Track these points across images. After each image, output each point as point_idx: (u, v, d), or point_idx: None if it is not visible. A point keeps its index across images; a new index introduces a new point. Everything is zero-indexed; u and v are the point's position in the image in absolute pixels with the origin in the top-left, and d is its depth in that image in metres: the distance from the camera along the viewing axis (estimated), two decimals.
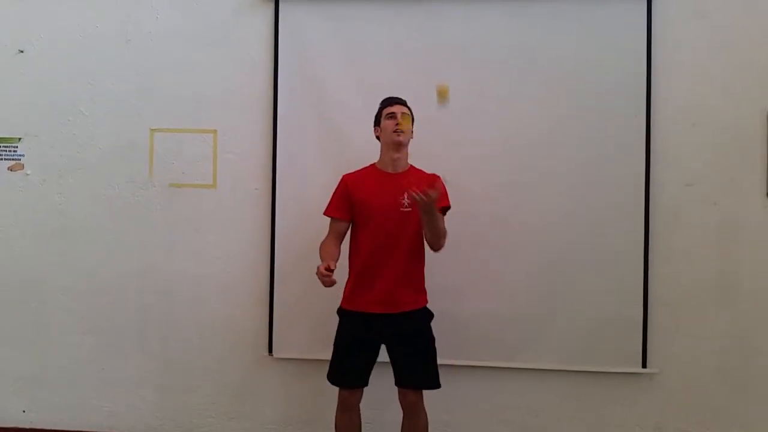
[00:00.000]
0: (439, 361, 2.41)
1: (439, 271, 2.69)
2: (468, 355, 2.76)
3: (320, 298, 2.55)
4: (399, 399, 2.40)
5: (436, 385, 2.37)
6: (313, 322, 2.81)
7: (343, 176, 2.47)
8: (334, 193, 2.45)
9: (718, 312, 2.71)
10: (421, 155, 2.58)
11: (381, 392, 2.52)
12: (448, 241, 2.37)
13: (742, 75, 2.68)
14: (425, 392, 2.40)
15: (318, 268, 2.15)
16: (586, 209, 2.72)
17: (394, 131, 2.34)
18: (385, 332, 2.35)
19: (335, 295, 2.42)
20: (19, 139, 3.04)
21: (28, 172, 3.03)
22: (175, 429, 2.98)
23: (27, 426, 3.04)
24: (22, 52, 3.03)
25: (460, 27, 2.78)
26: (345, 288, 2.41)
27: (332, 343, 2.45)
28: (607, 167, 2.71)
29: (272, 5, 2.86)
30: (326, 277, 2.12)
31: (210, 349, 2.94)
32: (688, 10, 2.72)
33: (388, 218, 2.32)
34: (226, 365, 2.94)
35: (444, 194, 2.34)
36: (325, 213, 2.45)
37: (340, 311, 2.43)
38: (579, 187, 2.72)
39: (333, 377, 2.41)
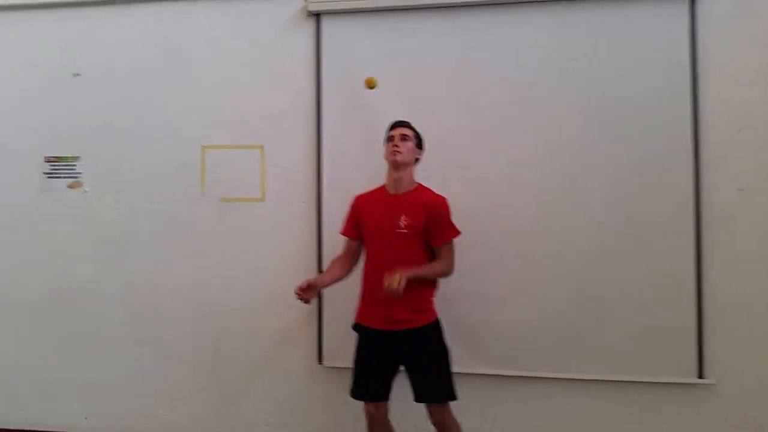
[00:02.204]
0: (484, 371, 2.41)
1: (484, 280, 2.72)
2: (515, 365, 2.75)
3: None
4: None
5: (446, 397, 2.36)
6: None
7: (355, 197, 2.58)
8: (347, 214, 2.59)
9: (759, 313, 2.62)
10: (459, 164, 2.59)
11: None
12: (492, 247, 2.48)
13: None
14: (465, 404, 2.39)
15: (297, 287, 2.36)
16: (634, 215, 2.67)
17: (391, 151, 2.43)
18: (393, 348, 2.38)
19: None
20: (78, 157, 3.18)
21: (86, 189, 3.17)
22: None
23: None
24: (78, 75, 3.18)
25: (499, 35, 2.79)
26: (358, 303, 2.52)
27: None
28: (655, 173, 2.66)
29: (314, 21, 2.92)
30: (298, 295, 2.35)
31: (262, 359, 3.01)
32: (733, 10, 2.65)
33: (384, 239, 2.40)
34: (278, 374, 3.01)
35: (446, 226, 2.41)
36: (340, 232, 2.60)
37: (354, 326, 2.50)
38: (627, 193, 2.68)
39: (352, 390, 2.47)
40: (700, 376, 2.63)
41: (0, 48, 3.24)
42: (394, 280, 2.15)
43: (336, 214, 2.86)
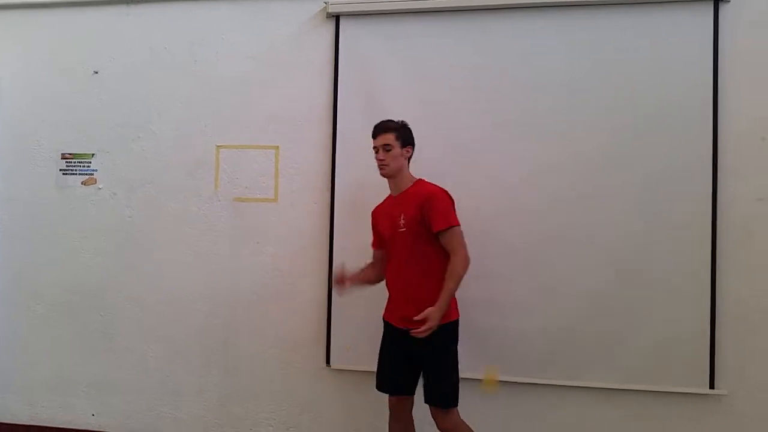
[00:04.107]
0: (499, 378, 2.39)
1: (498, 287, 2.71)
2: (529, 372, 2.73)
3: (377, 309, 2.58)
4: None
5: (442, 403, 2.33)
6: (369, 333, 2.81)
7: (373, 211, 2.62)
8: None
9: None
10: (479, 170, 2.59)
11: None
12: (506, 253, 2.55)
13: None
14: (476, 409, 2.41)
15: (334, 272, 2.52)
16: (650, 224, 2.66)
17: (379, 166, 2.45)
18: (409, 346, 2.35)
19: None
20: (92, 155, 3.20)
21: (100, 187, 3.19)
22: None
23: (96, 429, 3.18)
24: (96, 73, 3.21)
25: (516, 40, 2.79)
26: None
27: None
28: (672, 181, 2.64)
29: (333, 24, 2.94)
30: (337, 281, 2.50)
31: (270, 360, 3.01)
32: (758, 17, 2.64)
33: (389, 240, 2.45)
34: (286, 376, 3.00)
35: (439, 213, 2.30)
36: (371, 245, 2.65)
37: (383, 319, 2.56)
38: (642, 202, 2.66)
39: (377, 383, 2.54)
40: (712, 387, 2.61)
41: (20, 45, 3.28)
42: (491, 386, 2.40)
43: (348, 216, 2.89)
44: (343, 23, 2.92)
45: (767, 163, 2.62)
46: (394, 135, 2.42)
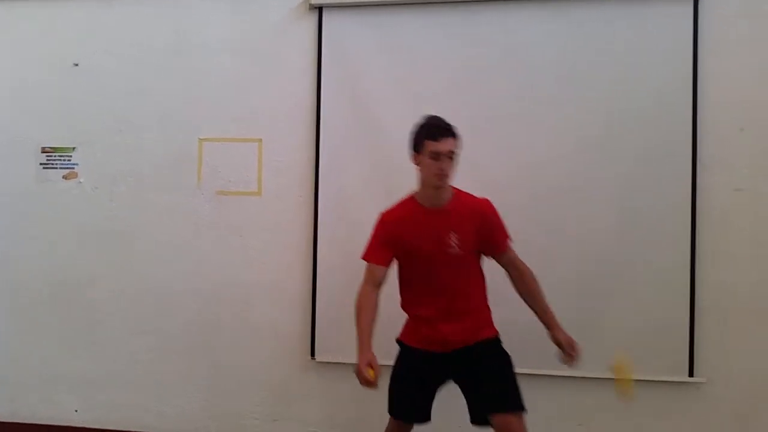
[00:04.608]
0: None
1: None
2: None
3: None
4: None
5: (522, 406, 2.11)
6: (354, 326, 2.84)
7: (382, 216, 2.20)
8: (373, 235, 2.18)
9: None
10: (467, 163, 2.59)
11: None
12: None
13: None
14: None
15: (358, 366, 1.99)
16: (630, 215, 2.69)
17: (436, 175, 2.04)
18: (445, 369, 2.17)
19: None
20: (73, 148, 3.17)
21: (81, 180, 3.16)
22: (221, 430, 3.05)
23: (79, 425, 3.15)
24: (76, 65, 3.17)
25: (500, 33, 2.79)
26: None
27: (374, 346, 2.44)
28: (652, 172, 2.68)
29: (316, 15, 2.93)
30: (368, 384, 1.98)
31: (254, 353, 3.01)
32: (736, 9, 2.67)
33: (434, 263, 2.10)
34: (270, 368, 3.00)
35: (502, 228, 2.18)
36: (364, 257, 2.18)
37: (398, 341, 2.30)
38: (622, 193, 2.69)
39: (394, 409, 2.26)
40: (691, 375, 2.65)
41: None
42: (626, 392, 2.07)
43: (332, 209, 2.89)
44: (326, 15, 2.91)
45: (746, 154, 2.66)
46: (457, 140, 2.09)
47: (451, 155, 2.04)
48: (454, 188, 2.16)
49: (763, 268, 2.64)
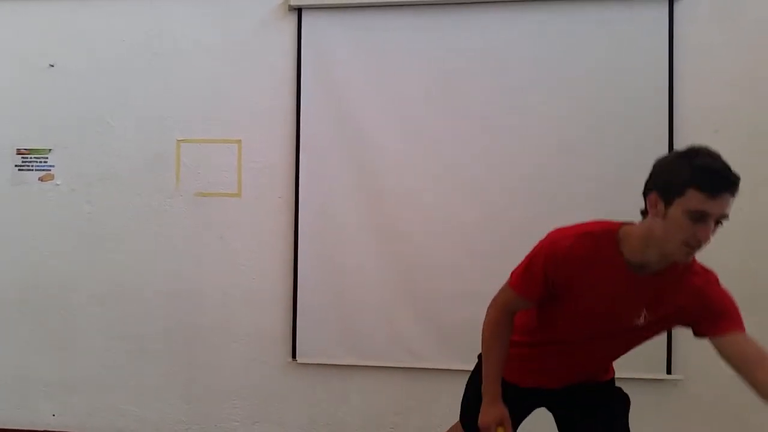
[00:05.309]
0: (460, 368, 2.21)
1: (465, 280, 2.72)
2: None
3: (342, 304, 2.58)
4: None
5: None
6: (335, 327, 2.84)
7: (558, 246, 1.58)
8: (534, 263, 1.62)
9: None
10: (445, 167, 2.59)
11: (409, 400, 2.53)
12: (474, 248, 2.49)
13: (766, 79, 2.67)
14: (440, 398, 2.28)
15: (485, 421, 1.66)
16: (608, 215, 2.70)
17: (687, 245, 1.42)
18: (543, 399, 1.89)
19: (357, 302, 2.42)
20: (50, 150, 3.12)
21: (58, 183, 3.11)
22: None
23: (57, 429, 3.11)
24: (52, 66, 3.12)
25: (481, 35, 2.80)
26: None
27: (355, 348, 2.44)
28: (628, 175, 2.68)
29: (295, 17, 2.91)
30: None
31: (235, 355, 2.99)
32: (711, 12, 2.71)
33: (598, 333, 1.60)
34: (251, 371, 2.98)
35: (738, 315, 1.66)
36: (515, 288, 1.66)
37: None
38: (601, 194, 2.71)
39: (463, 419, 1.93)
40: (669, 372, 2.69)
41: None
42: None
43: (313, 210, 2.88)
44: (306, 16, 2.90)
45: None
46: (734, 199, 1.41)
47: (721, 221, 1.42)
48: (695, 264, 1.62)
49: (738, 267, 2.68)
